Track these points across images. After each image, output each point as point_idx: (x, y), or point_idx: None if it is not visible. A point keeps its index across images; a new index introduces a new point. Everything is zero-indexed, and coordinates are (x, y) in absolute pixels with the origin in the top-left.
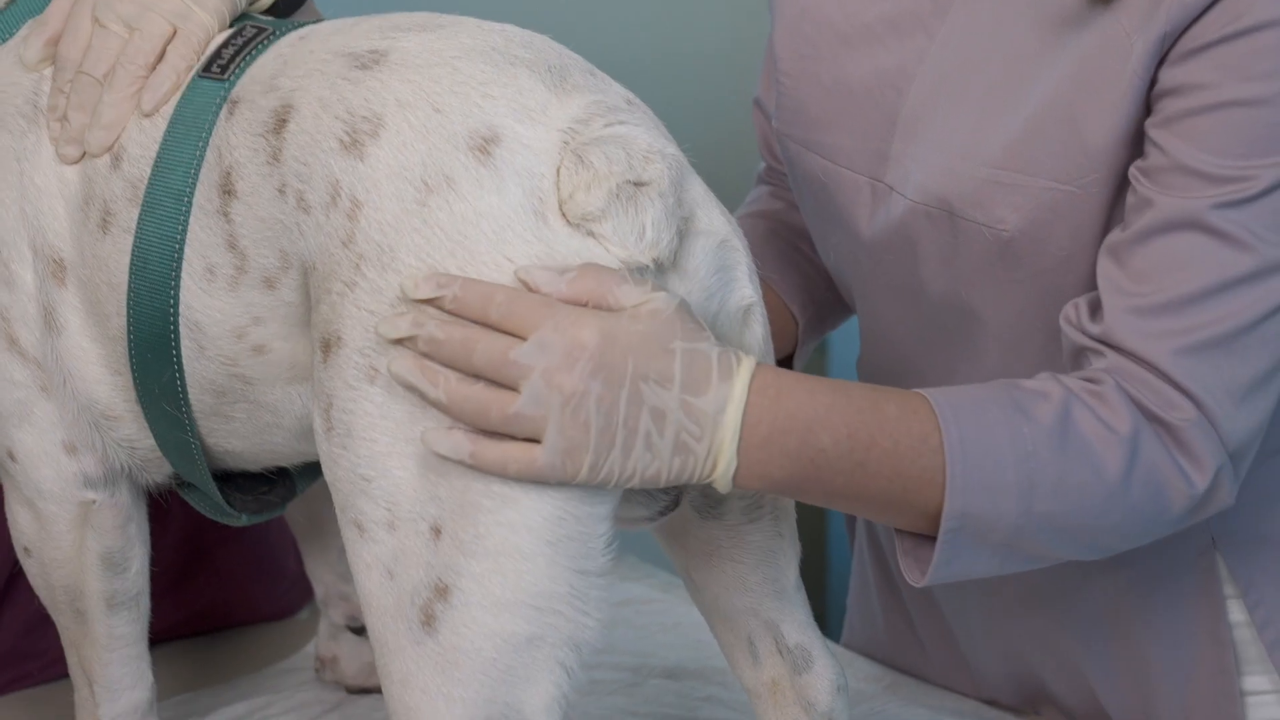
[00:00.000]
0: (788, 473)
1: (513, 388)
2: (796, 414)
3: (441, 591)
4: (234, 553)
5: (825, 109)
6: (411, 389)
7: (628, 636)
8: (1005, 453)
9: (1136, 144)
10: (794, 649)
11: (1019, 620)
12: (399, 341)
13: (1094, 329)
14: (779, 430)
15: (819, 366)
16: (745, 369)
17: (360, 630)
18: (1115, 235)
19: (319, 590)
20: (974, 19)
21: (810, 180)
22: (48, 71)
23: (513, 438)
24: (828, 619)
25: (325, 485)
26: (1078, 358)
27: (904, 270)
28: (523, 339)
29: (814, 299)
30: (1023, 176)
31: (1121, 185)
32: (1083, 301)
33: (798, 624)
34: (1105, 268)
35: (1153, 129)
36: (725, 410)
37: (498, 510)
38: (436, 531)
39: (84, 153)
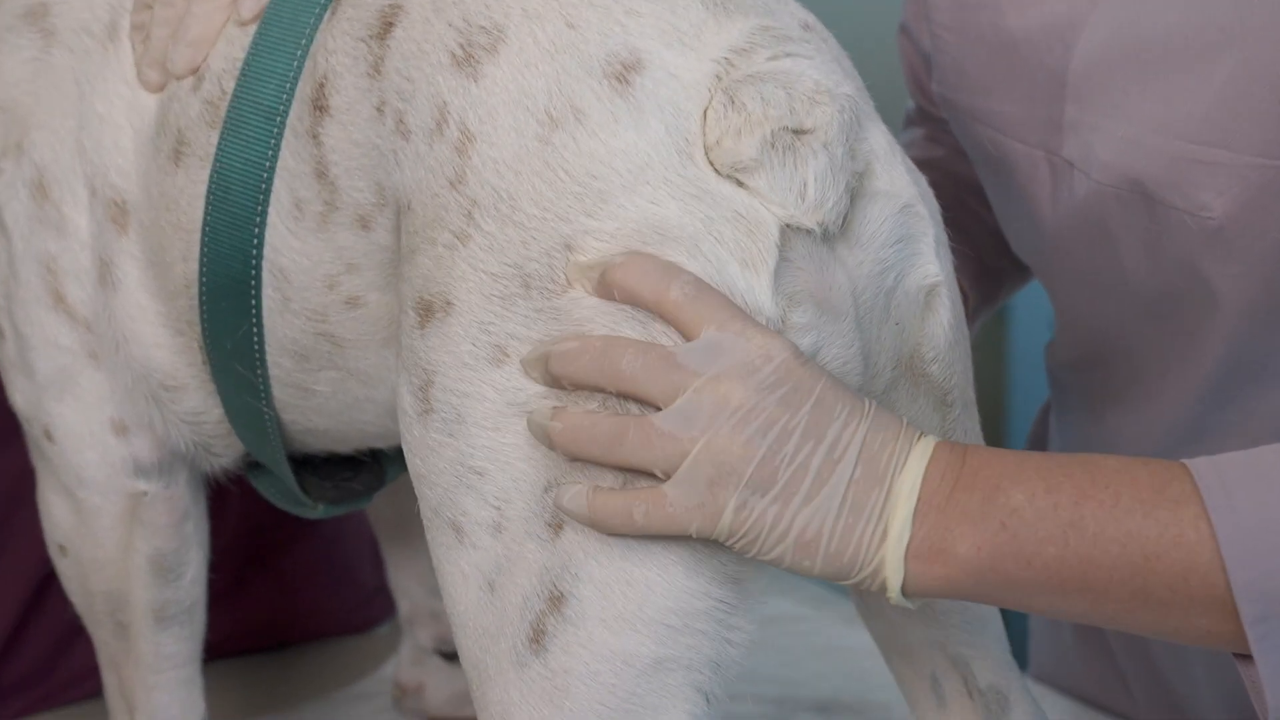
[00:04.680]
0: (973, 544)
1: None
2: (981, 470)
3: (556, 601)
4: (299, 557)
5: (988, 69)
6: (537, 433)
7: (772, 661)
8: None
9: None
10: (986, 691)
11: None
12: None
13: None
14: (961, 488)
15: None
16: (930, 438)
17: (451, 655)
18: None
19: (404, 606)
20: None
21: (981, 154)
22: None
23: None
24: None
25: None
26: None
27: (1098, 260)
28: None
29: (988, 269)
30: (1225, 153)
31: None
32: None
33: (992, 661)
34: None
35: None
36: (908, 462)
37: None
38: (555, 529)
39: (168, 77)
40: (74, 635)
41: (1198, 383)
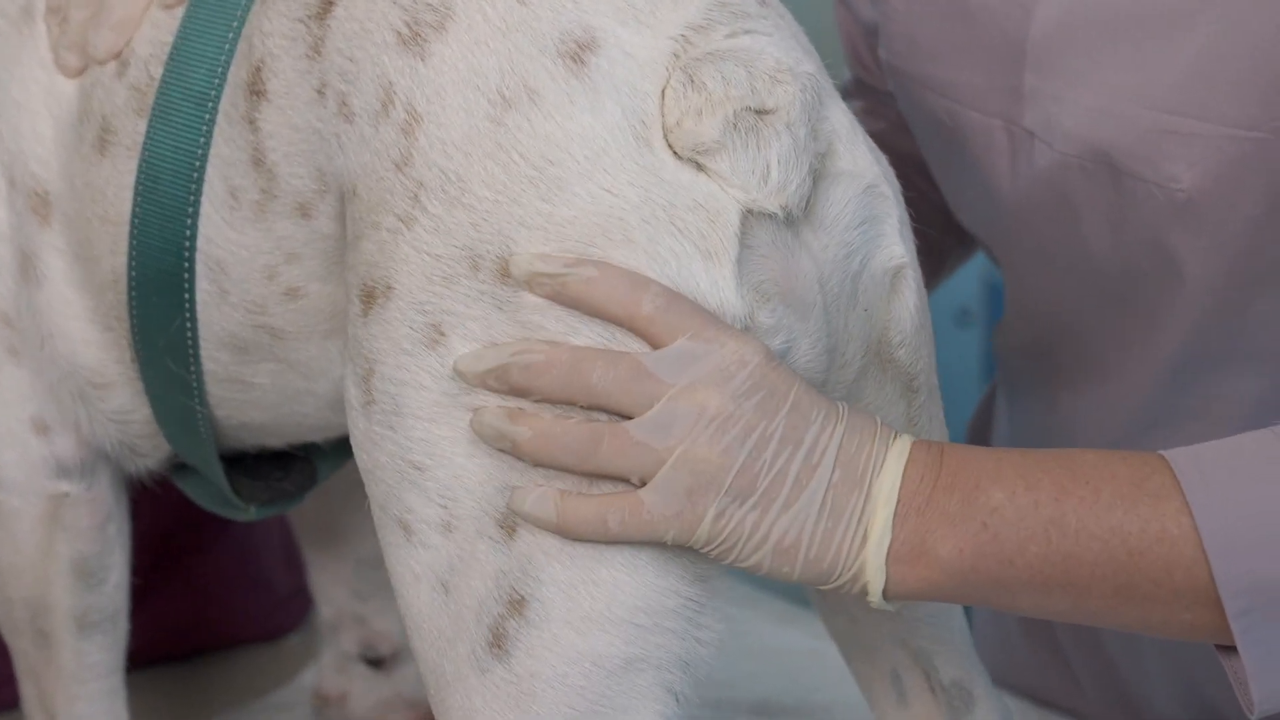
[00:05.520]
0: (954, 546)
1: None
2: (959, 470)
3: (515, 605)
4: (211, 561)
5: (940, 36)
6: (498, 440)
7: None
8: (1275, 483)
9: None
10: (949, 687)
11: (1207, 649)
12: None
13: None
14: (941, 489)
15: None
16: (906, 438)
17: (376, 662)
18: None
19: (327, 611)
20: None
21: (933, 125)
22: None
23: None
24: None
25: (341, 477)
26: None
27: (1059, 234)
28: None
29: (932, 247)
30: (1198, 122)
31: None
32: None
33: (956, 656)
34: None
35: None
36: (885, 463)
37: None
38: (509, 529)
39: (87, 62)
40: None
41: (1159, 366)
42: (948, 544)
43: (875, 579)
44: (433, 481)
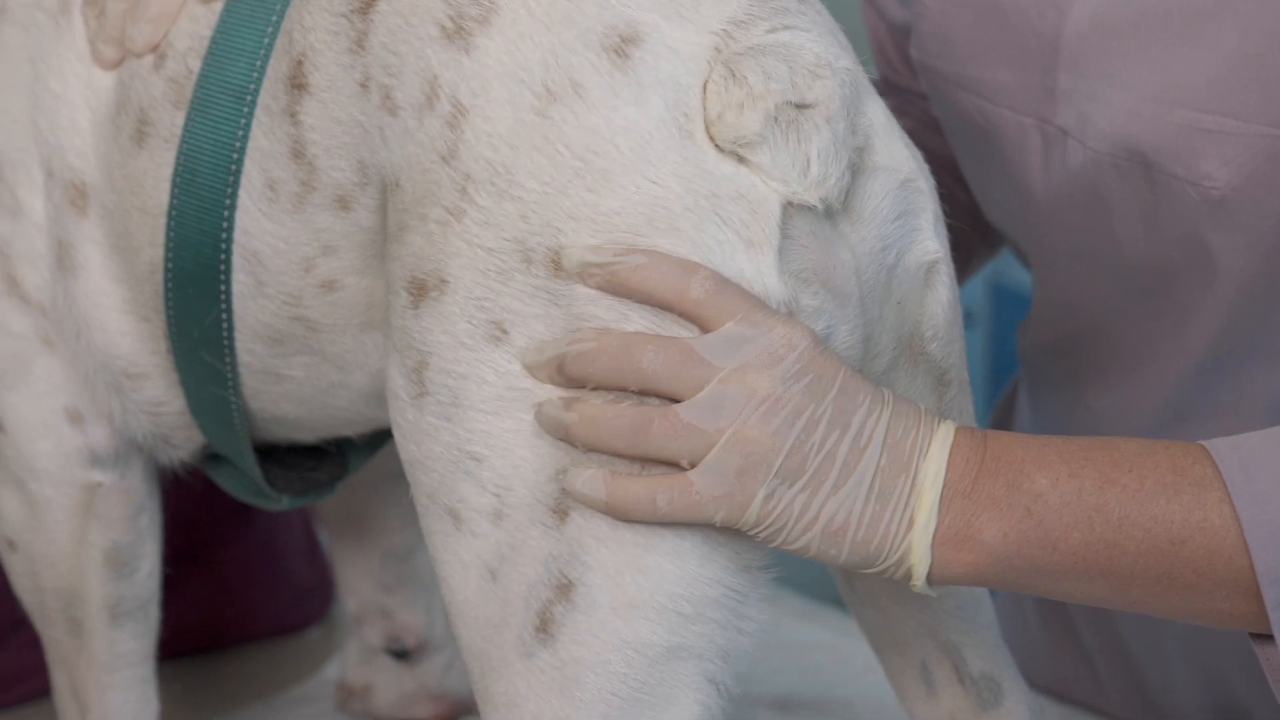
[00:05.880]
0: (999, 530)
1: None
2: (1003, 455)
3: (564, 589)
4: (232, 555)
5: (975, 36)
6: (555, 429)
7: None
8: None
9: None
10: (979, 678)
11: (1230, 641)
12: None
13: None
14: (985, 474)
15: None
16: (950, 424)
17: (401, 654)
18: None
19: (352, 603)
20: None
21: (965, 123)
22: None
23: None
24: None
25: (368, 469)
26: None
27: (1092, 231)
28: None
29: (959, 245)
30: (1232, 121)
31: None
32: None
33: (984, 648)
34: None
35: None
36: (931, 448)
37: None
38: (560, 515)
39: (124, 54)
40: (5, 636)
41: (1188, 362)
42: (992, 528)
43: (921, 562)
44: (489, 471)
